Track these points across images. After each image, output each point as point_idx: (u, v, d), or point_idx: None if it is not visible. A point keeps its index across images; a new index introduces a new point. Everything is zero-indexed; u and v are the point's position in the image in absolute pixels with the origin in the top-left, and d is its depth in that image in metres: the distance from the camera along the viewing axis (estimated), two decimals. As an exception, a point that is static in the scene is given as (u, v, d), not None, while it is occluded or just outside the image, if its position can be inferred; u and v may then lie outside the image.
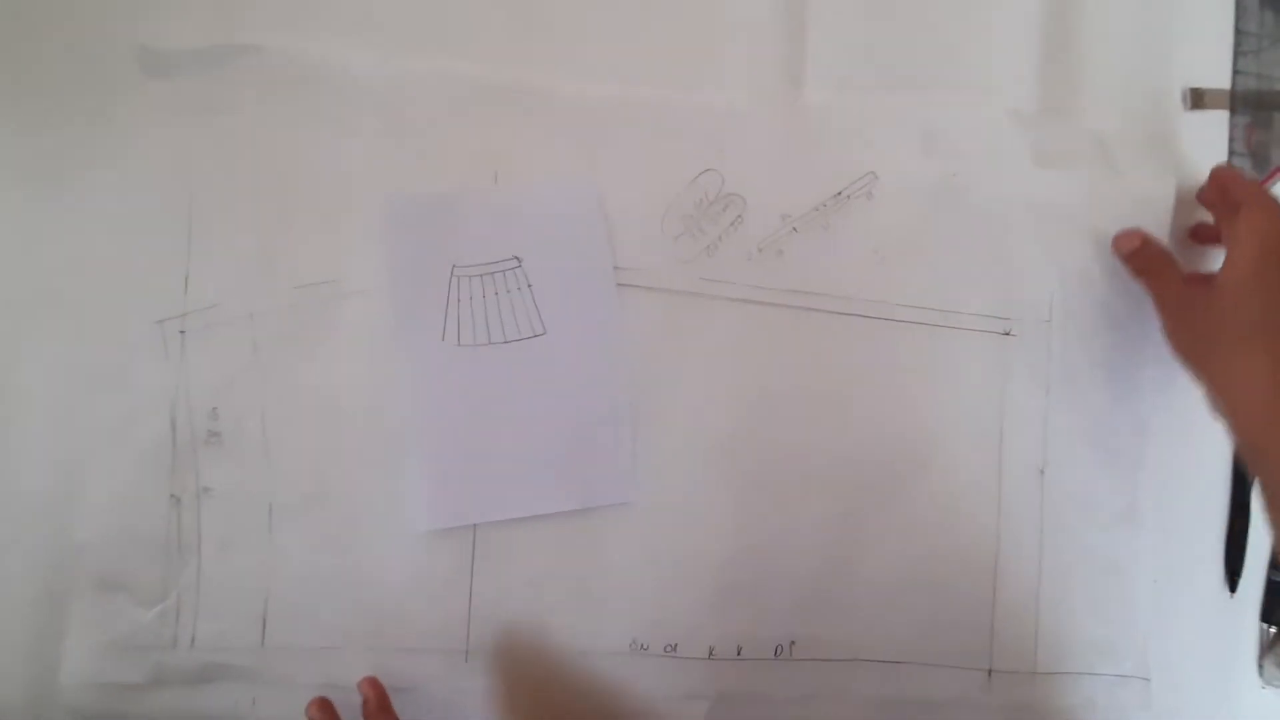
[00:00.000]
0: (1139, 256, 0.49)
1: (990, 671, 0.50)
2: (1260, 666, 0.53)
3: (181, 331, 0.49)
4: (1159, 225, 0.50)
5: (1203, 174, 0.48)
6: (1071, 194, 0.50)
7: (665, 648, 0.49)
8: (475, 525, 0.49)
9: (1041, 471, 0.50)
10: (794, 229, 0.50)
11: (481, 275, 0.49)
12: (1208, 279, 0.46)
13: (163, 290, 0.49)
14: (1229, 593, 0.52)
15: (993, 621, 0.50)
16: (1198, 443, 0.51)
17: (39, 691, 0.48)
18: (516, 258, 0.49)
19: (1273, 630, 0.52)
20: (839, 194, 0.50)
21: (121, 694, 0.48)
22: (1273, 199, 0.45)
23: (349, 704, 0.47)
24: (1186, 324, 0.47)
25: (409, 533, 0.49)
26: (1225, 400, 0.45)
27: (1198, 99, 0.51)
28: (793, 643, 0.50)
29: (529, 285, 0.49)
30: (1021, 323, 0.50)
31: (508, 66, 0.49)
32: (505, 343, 0.49)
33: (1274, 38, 0.51)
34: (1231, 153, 0.52)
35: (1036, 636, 0.50)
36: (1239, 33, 0.51)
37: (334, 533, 0.49)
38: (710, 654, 0.49)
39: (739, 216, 0.49)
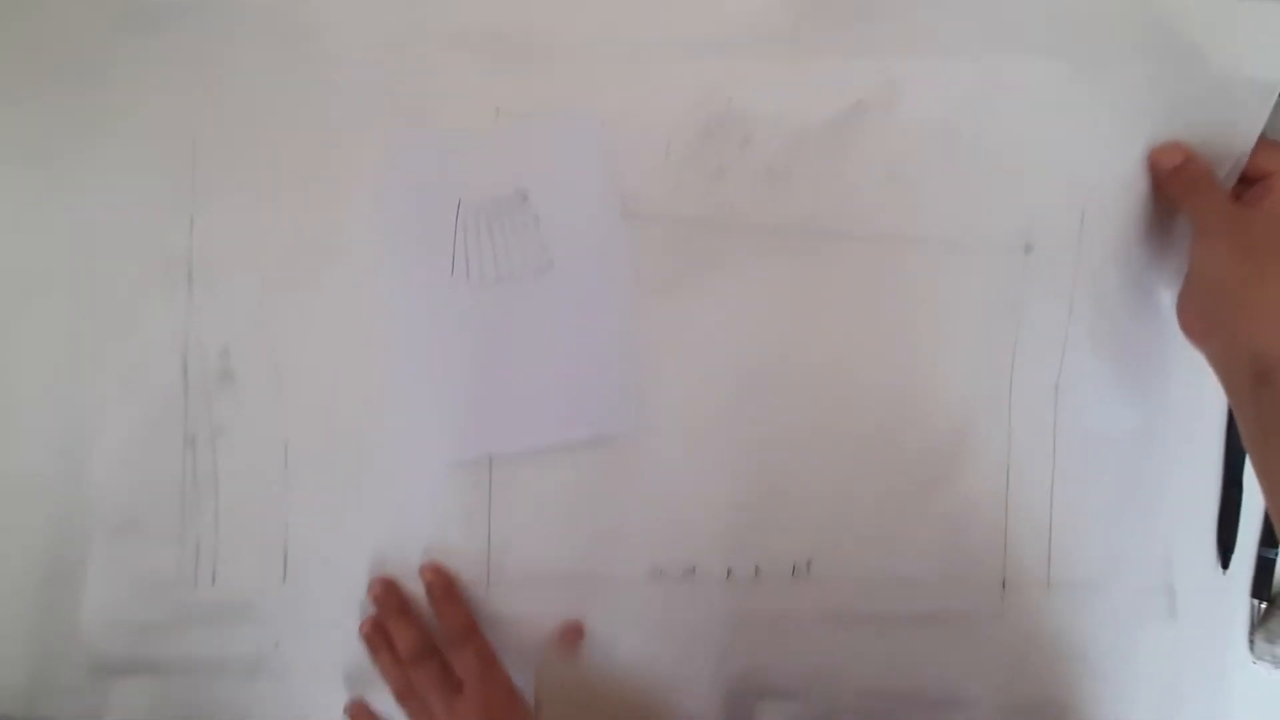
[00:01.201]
0: (1179, 175, 0.45)
1: (1004, 583, 0.50)
2: (1250, 642, 0.52)
3: (189, 273, 0.49)
4: (1238, 124, 0.46)
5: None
6: (1110, 98, 0.47)
7: (684, 571, 0.50)
8: (491, 459, 0.49)
9: (1056, 386, 0.50)
10: (806, 147, 0.48)
11: (488, 210, 0.48)
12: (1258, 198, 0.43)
13: (168, 233, 0.48)
14: (1221, 569, 0.52)
15: (1005, 534, 0.50)
16: (1191, 423, 0.51)
17: (59, 637, 0.49)
18: (522, 192, 0.49)
19: (1263, 606, 0.52)
20: (858, 103, 0.47)
21: (143, 635, 0.49)
22: None
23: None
24: (1231, 246, 0.43)
25: (425, 467, 0.49)
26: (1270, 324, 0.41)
27: None
28: (809, 562, 0.50)
29: (536, 219, 0.49)
30: (1045, 237, 0.48)
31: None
32: (514, 277, 0.49)
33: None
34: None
35: (1049, 547, 0.50)
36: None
37: (350, 469, 0.49)
38: (729, 575, 0.50)
39: (746, 138, 0.48)
